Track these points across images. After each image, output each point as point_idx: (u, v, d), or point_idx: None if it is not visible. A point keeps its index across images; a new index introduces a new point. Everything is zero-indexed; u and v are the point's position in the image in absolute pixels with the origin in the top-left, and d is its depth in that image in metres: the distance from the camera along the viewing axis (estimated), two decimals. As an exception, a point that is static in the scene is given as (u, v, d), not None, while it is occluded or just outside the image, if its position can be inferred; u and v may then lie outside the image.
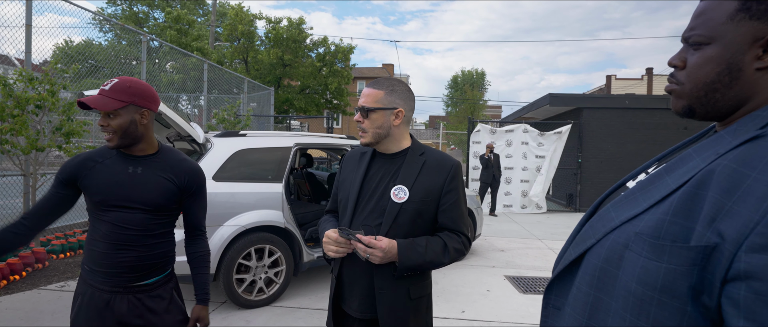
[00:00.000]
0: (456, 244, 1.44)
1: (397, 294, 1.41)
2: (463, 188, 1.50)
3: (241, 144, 3.74)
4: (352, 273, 1.46)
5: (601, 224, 0.69)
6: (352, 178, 1.53)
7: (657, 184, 0.66)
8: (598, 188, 10.56)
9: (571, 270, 0.73)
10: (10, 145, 4.17)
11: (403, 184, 1.43)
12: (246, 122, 9.44)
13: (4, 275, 3.93)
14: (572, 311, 0.70)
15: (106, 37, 21.76)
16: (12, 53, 5.79)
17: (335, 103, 20.67)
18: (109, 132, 1.43)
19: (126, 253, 1.45)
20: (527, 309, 3.85)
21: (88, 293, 1.47)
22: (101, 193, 1.44)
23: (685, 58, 0.70)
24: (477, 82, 39.49)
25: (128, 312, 1.47)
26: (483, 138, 10.35)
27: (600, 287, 0.65)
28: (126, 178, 1.47)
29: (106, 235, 1.45)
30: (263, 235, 3.64)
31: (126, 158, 1.50)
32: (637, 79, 29.54)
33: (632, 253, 0.62)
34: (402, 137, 1.51)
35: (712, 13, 0.66)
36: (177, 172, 1.55)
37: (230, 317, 3.43)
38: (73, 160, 1.49)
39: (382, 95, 1.47)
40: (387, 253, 1.34)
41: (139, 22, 22.32)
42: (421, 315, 1.48)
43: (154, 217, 1.50)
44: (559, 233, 7.64)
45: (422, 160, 1.48)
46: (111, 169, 1.47)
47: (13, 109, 4.09)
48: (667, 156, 0.80)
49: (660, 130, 10.37)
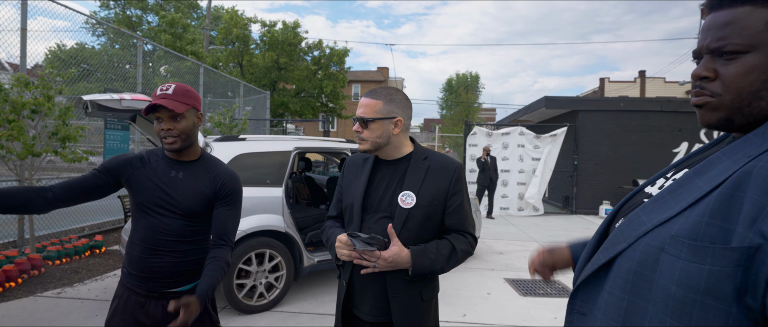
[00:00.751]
0: (464, 245, 1.47)
1: (411, 297, 1.44)
2: (467, 189, 1.54)
3: (241, 148, 3.72)
4: (363, 277, 1.46)
5: (632, 229, 0.69)
6: (356, 184, 1.54)
7: (687, 187, 0.66)
8: (594, 190, 10.62)
9: (598, 275, 0.73)
10: (5, 151, 4.11)
11: (409, 190, 1.45)
12: (242, 126, 9.39)
13: (0, 282, 3.87)
14: (604, 316, 0.69)
15: (99, 40, 21.64)
16: (2, 57, 5.74)
17: (331, 107, 20.66)
18: (173, 135, 1.46)
19: (160, 258, 1.47)
20: (529, 312, 3.85)
21: (124, 296, 1.50)
22: (143, 194, 1.48)
23: (715, 68, 0.69)
24: (471, 85, 39.66)
25: (162, 318, 1.48)
26: (480, 141, 10.38)
27: (634, 291, 0.65)
28: (168, 182, 1.50)
29: (143, 239, 1.48)
30: (263, 240, 3.61)
31: (171, 163, 1.54)
32: (630, 82, 29.80)
33: (669, 255, 0.62)
34: (402, 144, 1.53)
35: (745, 21, 0.65)
36: (213, 176, 1.56)
37: (231, 323, 3.40)
38: (123, 156, 1.52)
39: (380, 105, 1.48)
40: (393, 262, 1.36)
41: (132, 25, 22.20)
42: (432, 315, 1.53)
43: (189, 224, 1.51)
44: (557, 235, 7.67)
45: (426, 164, 1.50)
46: (156, 171, 1.51)
47: (9, 114, 4.04)
48: (684, 162, 0.80)
49: (654, 132, 10.46)
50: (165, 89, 1.47)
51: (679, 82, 29.00)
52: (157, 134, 1.47)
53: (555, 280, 4.83)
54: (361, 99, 1.53)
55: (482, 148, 9.64)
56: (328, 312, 3.65)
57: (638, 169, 10.42)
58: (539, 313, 3.82)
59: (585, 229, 8.43)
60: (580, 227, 8.69)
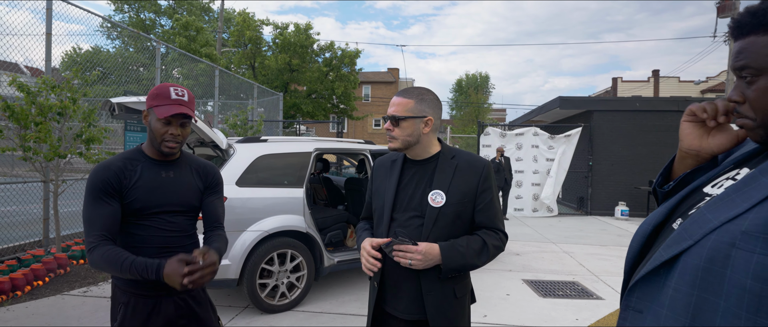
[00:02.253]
0: (495, 240, 1.48)
1: (444, 294, 1.46)
2: (495, 186, 1.55)
3: (263, 149, 3.76)
4: (397, 276, 1.49)
5: (697, 226, 0.70)
6: (386, 185, 1.56)
7: (754, 186, 0.68)
8: (610, 191, 10.51)
9: (658, 272, 0.73)
10: (32, 152, 4.21)
11: (439, 189, 1.47)
12: (257, 128, 9.47)
13: (28, 281, 3.96)
14: (670, 312, 0.70)
15: (114, 44, 21.99)
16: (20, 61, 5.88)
17: (342, 108, 20.73)
18: (178, 141, 1.47)
19: (170, 255, 1.45)
20: (549, 313, 3.84)
21: (131, 302, 1.46)
22: (142, 200, 1.45)
23: (743, 92, 0.76)
24: (481, 86, 39.49)
25: (175, 313, 1.50)
26: (493, 141, 10.34)
27: (704, 287, 0.66)
28: (163, 183, 1.50)
29: (147, 241, 1.46)
30: (285, 240, 3.65)
31: (157, 164, 1.52)
32: (643, 82, 29.43)
33: (741, 251, 0.63)
34: (431, 143, 1.55)
35: (753, 48, 0.73)
36: (201, 172, 1.62)
37: (254, 322, 3.44)
38: (110, 169, 1.43)
39: (412, 104, 1.50)
40: (426, 256, 1.38)
41: (146, 29, 22.53)
42: (466, 312, 1.55)
43: (189, 218, 1.55)
44: (572, 236, 7.61)
45: (454, 163, 1.51)
46: (147, 175, 1.48)
47: (36, 117, 4.13)
48: (744, 161, 0.82)
49: (671, 132, 10.32)
50: (181, 95, 1.45)
51: (693, 81, 28.58)
52: (160, 136, 1.44)
53: (574, 281, 4.80)
54: (393, 98, 1.55)
55: (496, 149, 9.60)
56: (348, 312, 3.68)
57: (655, 169, 10.29)
58: (560, 314, 3.80)
59: (601, 231, 8.35)
60: (596, 228, 8.61)
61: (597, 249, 6.62)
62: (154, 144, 1.49)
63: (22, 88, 4.11)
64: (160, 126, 1.44)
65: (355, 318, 3.55)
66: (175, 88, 1.46)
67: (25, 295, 3.85)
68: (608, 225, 9.12)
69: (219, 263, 1.45)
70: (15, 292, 3.81)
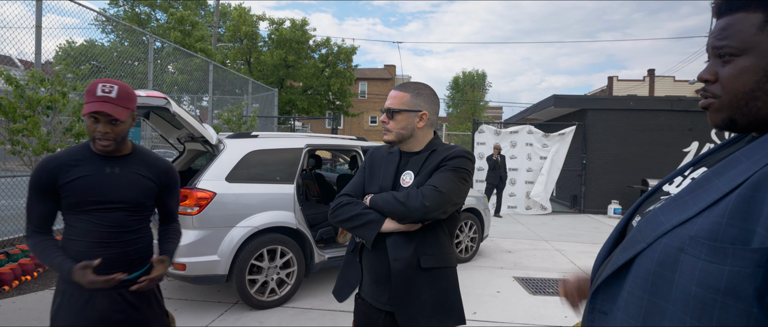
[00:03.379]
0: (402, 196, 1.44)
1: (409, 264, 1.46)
2: (463, 172, 1.48)
3: (254, 145, 3.74)
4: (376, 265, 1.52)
5: (651, 229, 0.70)
6: (385, 172, 1.57)
7: (706, 188, 0.66)
8: (603, 190, 10.56)
9: (618, 275, 0.73)
10: (21, 146, 4.17)
11: (410, 170, 1.52)
12: (251, 123, 9.44)
13: (16, 276, 3.93)
14: (624, 315, 0.70)
15: (109, 38, 21.80)
16: (14, 54, 5.81)
17: (338, 104, 20.68)
18: (109, 139, 1.44)
19: (104, 250, 1.47)
20: (538, 310, 3.85)
21: (68, 291, 1.47)
22: (78, 195, 1.45)
23: (716, 71, 0.73)
24: (478, 83, 39.49)
25: (110, 307, 1.49)
26: (487, 139, 10.35)
27: (654, 291, 0.66)
28: (104, 179, 1.49)
29: (84, 234, 1.47)
30: (275, 236, 3.64)
31: (102, 159, 1.51)
32: (638, 81, 29.54)
33: (689, 256, 0.62)
34: (425, 138, 1.58)
35: (739, 25, 0.70)
36: (155, 171, 1.60)
37: (243, 318, 3.44)
38: (47, 169, 1.45)
39: (408, 98, 1.54)
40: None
41: (141, 23, 22.34)
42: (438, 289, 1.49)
43: (131, 215, 1.53)
44: (565, 235, 7.64)
45: (433, 150, 1.55)
46: (87, 170, 1.48)
47: (25, 110, 4.09)
48: (702, 160, 0.81)
49: (665, 132, 10.37)
50: (108, 91, 1.42)
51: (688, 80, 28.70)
52: (91, 134, 1.45)
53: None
54: (390, 91, 1.57)
55: (493, 147, 9.60)
56: (338, 308, 3.68)
57: (648, 168, 10.34)
58: (549, 312, 3.82)
59: (593, 229, 8.39)
60: (589, 226, 8.65)
61: (588, 247, 6.65)
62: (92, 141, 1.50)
63: (10, 81, 4.06)
64: (90, 123, 1.43)
65: (344, 314, 3.55)
66: (104, 85, 1.43)
67: (12, 290, 3.82)
68: (601, 223, 9.17)
69: (169, 264, 1.62)
70: (2, 286, 3.78)
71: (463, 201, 1.50)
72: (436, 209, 1.40)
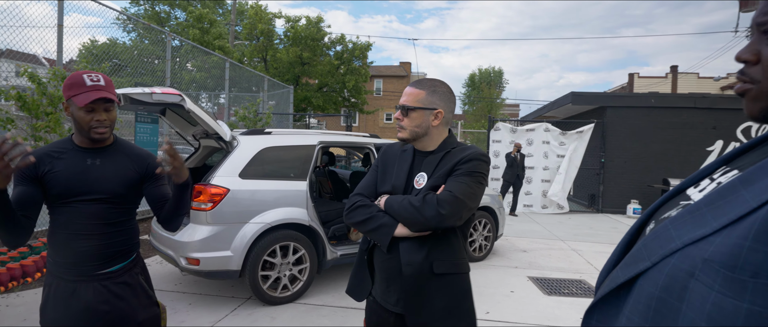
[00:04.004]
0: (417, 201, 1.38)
1: (421, 269, 1.42)
2: (479, 175, 1.44)
3: (267, 142, 3.77)
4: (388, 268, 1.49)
5: (658, 244, 0.58)
6: (398, 171, 1.55)
7: (729, 199, 0.54)
8: (622, 189, 10.34)
9: (618, 294, 0.63)
10: (43, 142, 4.29)
11: (424, 172, 1.49)
12: (266, 120, 9.52)
13: (38, 268, 4.04)
14: None
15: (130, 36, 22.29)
16: (39, 53, 5.97)
17: (352, 102, 20.73)
18: (106, 126, 1.48)
19: (85, 242, 1.49)
20: (553, 311, 3.79)
21: (54, 284, 1.50)
22: (60, 186, 1.47)
23: (759, 50, 0.59)
24: (494, 81, 39.10)
25: (95, 299, 1.51)
26: (503, 137, 10.23)
27: (657, 320, 0.55)
28: (84, 170, 1.50)
29: (65, 226, 1.48)
30: (288, 233, 3.66)
31: (84, 151, 1.53)
32: (660, 78, 28.80)
33: (700, 284, 0.51)
34: (440, 137, 1.54)
35: None
36: (135, 160, 1.60)
37: (256, 313, 3.47)
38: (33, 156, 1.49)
39: (423, 95, 1.50)
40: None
41: (161, 21, 22.75)
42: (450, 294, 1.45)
43: (112, 207, 1.53)
44: (582, 234, 7.51)
45: (447, 151, 1.51)
46: (69, 162, 1.49)
47: (47, 107, 4.20)
48: (735, 160, 0.69)
49: (687, 130, 10.09)
50: (96, 80, 1.46)
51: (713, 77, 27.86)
52: (86, 124, 1.46)
53: (581, 280, 4.73)
54: (406, 88, 1.54)
55: (513, 145, 9.46)
56: (349, 305, 3.68)
57: (669, 167, 10.08)
58: (564, 313, 3.75)
59: (611, 229, 8.22)
60: (607, 226, 8.48)
61: (606, 247, 6.52)
62: (82, 133, 1.50)
63: (33, 79, 4.18)
64: (84, 115, 1.45)
65: (355, 311, 3.56)
66: (89, 75, 1.46)
67: (35, 282, 3.93)
68: (619, 223, 8.98)
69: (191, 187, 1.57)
70: (25, 278, 3.90)
71: (478, 204, 1.46)
72: (452, 217, 1.36)
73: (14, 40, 4.93)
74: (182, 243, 3.36)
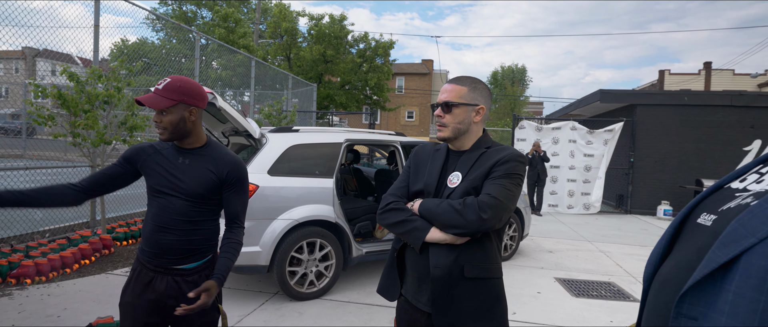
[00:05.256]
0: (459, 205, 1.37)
1: (451, 271, 1.39)
2: (515, 176, 1.41)
3: (295, 139, 3.81)
4: (419, 267, 1.48)
5: (759, 221, 0.63)
6: (431, 169, 1.53)
7: None
8: (652, 189, 10.03)
9: (713, 276, 0.67)
10: (81, 138, 4.45)
11: (458, 171, 1.46)
12: (291, 118, 9.63)
13: (77, 259, 4.21)
14: (730, 320, 0.64)
15: (158, 35, 22.90)
16: (73, 52, 6.20)
17: (375, 99, 20.76)
18: (161, 127, 1.58)
19: (166, 235, 1.57)
20: (582, 314, 3.72)
21: (138, 269, 1.64)
22: (153, 178, 1.61)
23: None
24: (517, 78, 38.50)
25: (165, 291, 1.59)
26: (528, 135, 10.07)
27: None
28: (175, 167, 1.61)
29: (153, 217, 1.60)
30: (315, 229, 3.70)
31: (179, 150, 1.65)
32: (693, 74, 27.76)
33: None
34: (476, 135, 1.52)
35: None
36: (219, 164, 1.64)
37: (283, 308, 3.52)
38: (138, 145, 1.67)
39: (465, 91, 1.47)
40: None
41: (188, 21, 23.29)
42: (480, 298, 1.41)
43: (193, 206, 1.60)
44: (609, 235, 7.33)
45: (483, 150, 1.48)
46: (165, 157, 1.63)
47: (85, 105, 4.36)
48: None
49: (723, 129, 9.70)
50: (159, 85, 1.56)
51: (750, 74, 26.69)
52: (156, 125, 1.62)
53: (610, 282, 4.63)
54: (444, 85, 1.52)
55: (533, 144, 9.32)
56: (375, 302, 3.70)
57: (703, 168, 9.72)
58: (593, 316, 3.68)
59: (641, 230, 7.99)
60: (636, 228, 8.25)
61: (636, 249, 6.35)
62: None
63: (72, 78, 4.34)
64: (155, 116, 1.60)
65: (381, 309, 3.57)
66: (162, 81, 1.58)
67: (73, 273, 4.10)
68: (649, 225, 8.72)
69: (227, 275, 1.58)
70: (64, 269, 4.07)
71: (515, 206, 1.43)
72: (493, 220, 1.33)
73: (50, 40, 5.13)
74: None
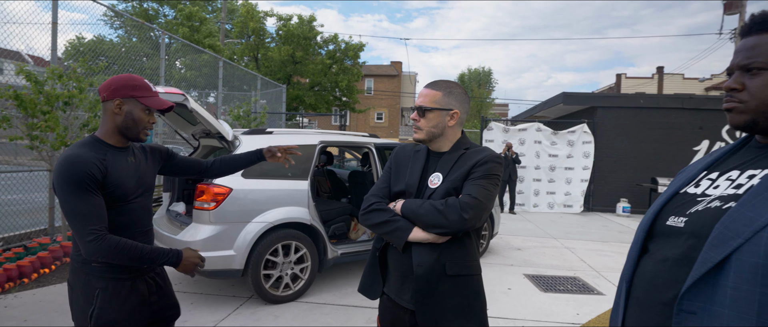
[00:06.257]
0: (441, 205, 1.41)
1: (433, 270, 1.44)
2: (493, 177, 1.46)
3: (269, 142, 3.78)
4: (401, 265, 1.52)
5: (742, 224, 0.73)
6: (411, 170, 1.57)
7: None
8: (612, 188, 10.52)
9: (706, 275, 0.76)
10: (39, 141, 4.24)
11: (439, 172, 1.51)
12: (261, 119, 9.49)
13: (35, 268, 4.00)
14: (733, 312, 0.72)
15: (117, 33, 21.92)
16: (23, 49, 5.88)
17: (344, 101, 20.70)
18: (150, 129, 1.58)
19: (144, 238, 1.55)
20: (550, 307, 3.87)
21: (108, 287, 1.44)
22: (122, 187, 1.45)
23: (743, 82, 0.86)
24: (484, 80, 39.38)
25: (148, 291, 1.57)
26: (496, 136, 10.34)
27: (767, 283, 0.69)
28: (130, 169, 1.52)
29: (130, 225, 1.48)
30: (290, 232, 3.68)
31: (120, 150, 1.52)
32: (647, 78, 29.30)
33: None
34: (454, 137, 1.57)
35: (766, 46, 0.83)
36: (152, 153, 1.70)
37: (258, 312, 3.48)
38: (88, 163, 1.37)
39: (439, 96, 1.52)
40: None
41: (149, 18, 22.44)
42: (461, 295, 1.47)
43: (149, 198, 1.63)
44: (573, 232, 7.64)
45: (462, 152, 1.53)
46: (117, 163, 1.47)
47: (44, 106, 4.15)
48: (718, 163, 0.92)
49: (675, 130, 10.31)
50: (155, 87, 1.59)
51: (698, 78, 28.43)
52: (143, 125, 1.51)
53: (575, 277, 4.83)
54: (421, 89, 1.57)
55: (506, 144, 9.57)
56: (351, 304, 3.72)
57: (657, 167, 10.29)
58: (561, 309, 3.84)
59: (602, 227, 8.38)
60: (598, 225, 8.64)
61: (598, 245, 6.65)
62: (127, 132, 1.49)
63: (29, 77, 4.12)
64: (144, 116, 1.51)
65: (357, 309, 3.59)
66: (147, 81, 1.55)
67: (32, 283, 3.89)
68: (609, 222, 9.15)
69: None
70: (22, 279, 3.86)
71: (493, 205, 1.49)
72: (474, 220, 1.39)
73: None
74: (185, 243, 3.36)
